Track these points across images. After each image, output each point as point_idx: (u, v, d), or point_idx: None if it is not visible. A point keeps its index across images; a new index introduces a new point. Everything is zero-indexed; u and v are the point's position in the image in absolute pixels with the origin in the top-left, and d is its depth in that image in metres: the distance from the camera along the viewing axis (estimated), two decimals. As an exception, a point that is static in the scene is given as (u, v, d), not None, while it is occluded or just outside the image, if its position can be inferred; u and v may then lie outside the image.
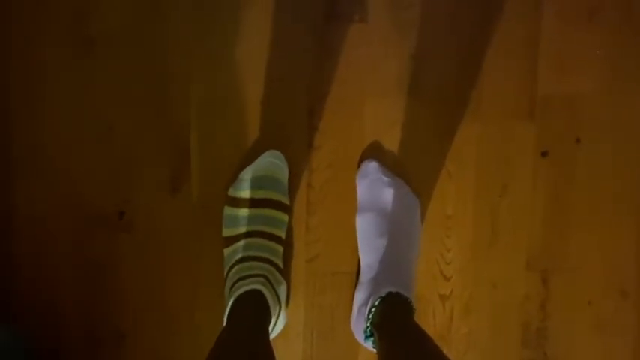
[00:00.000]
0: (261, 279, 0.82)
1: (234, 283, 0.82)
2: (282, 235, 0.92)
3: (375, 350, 0.81)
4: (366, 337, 0.83)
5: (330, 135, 0.94)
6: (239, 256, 0.87)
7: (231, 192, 0.92)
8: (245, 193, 0.90)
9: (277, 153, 0.92)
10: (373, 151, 0.95)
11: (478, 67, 0.95)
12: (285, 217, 0.92)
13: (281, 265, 0.90)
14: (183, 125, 0.94)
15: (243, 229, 0.89)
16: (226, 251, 0.90)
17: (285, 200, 0.93)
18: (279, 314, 0.86)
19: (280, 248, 0.91)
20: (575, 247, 0.98)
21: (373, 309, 0.81)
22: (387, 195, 0.92)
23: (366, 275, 0.89)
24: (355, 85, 0.94)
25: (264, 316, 0.80)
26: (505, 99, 0.96)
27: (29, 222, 0.94)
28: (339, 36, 0.93)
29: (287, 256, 0.95)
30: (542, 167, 0.97)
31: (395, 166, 0.95)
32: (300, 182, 0.95)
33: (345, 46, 0.93)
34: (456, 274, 0.97)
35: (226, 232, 0.91)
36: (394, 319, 0.79)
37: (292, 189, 0.94)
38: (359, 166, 0.95)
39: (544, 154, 0.97)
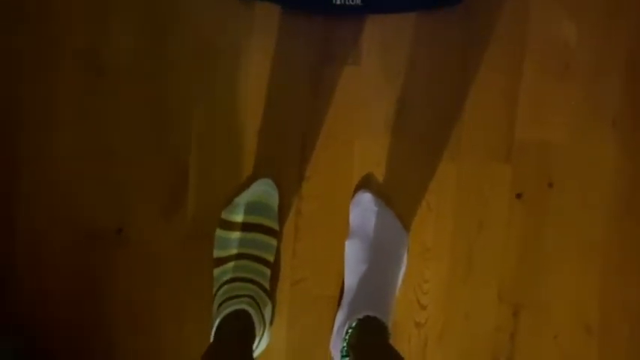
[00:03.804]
0: (248, 299, 0.86)
1: (222, 302, 0.87)
2: (271, 258, 0.96)
3: None
4: (342, 357, 0.86)
5: (320, 167, 1.00)
6: (228, 276, 0.91)
7: (224, 215, 0.97)
8: (238, 217, 0.96)
9: (270, 181, 0.98)
10: (368, 182, 1.00)
11: (460, 111, 1.00)
12: (275, 242, 0.97)
13: (267, 287, 0.94)
14: (182, 151, 0.99)
15: (234, 251, 0.94)
16: (216, 271, 0.95)
17: (275, 226, 0.98)
18: (263, 333, 0.90)
19: (268, 271, 0.95)
20: (545, 283, 1.02)
21: (350, 330, 0.84)
22: (376, 225, 0.96)
23: (346, 298, 0.94)
24: (346, 123, 1.00)
25: (249, 335, 0.83)
26: (484, 142, 1.01)
27: (31, 235, 0.99)
28: (332, 77, 0.99)
29: (273, 279, 0.99)
30: (517, 208, 1.01)
31: (383, 198, 1.00)
32: (289, 210, 1.00)
33: (338, 86, 0.99)
34: (432, 303, 1.02)
35: (217, 253, 0.96)
36: (369, 341, 0.82)
37: (282, 216, 1.00)
38: (354, 195, 1.00)
39: (518, 196, 1.02)
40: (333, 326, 0.96)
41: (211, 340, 0.81)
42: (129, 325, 1.01)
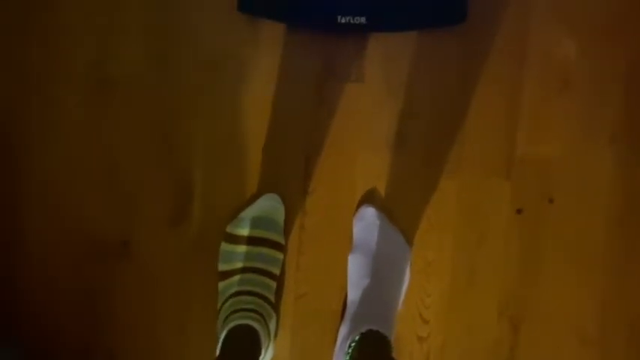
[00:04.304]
0: (254, 314, 0.86)
1: (227, 316, 0.87)
2: (277, 272, 0.97)
3: None
4: None
5: (324, 182, 1.01)
6: (234, 290, 0.92)
7: (229, 229, 0.98)
8: (244, 231, 0.96)
9: (276, 196, 0.99)
10: (372, 197, 1.01)
11: (461, 126, 1.02)
12: (281, 256, 0.98)
13: (273, 299, 0.95)
14: (187, 165, 1.00)
15: (239, 265, 0.94)
16: (221, 285, 0.95)
17: (281, 240, 0.98)
18: (268, 346, 0.91)
19: (274, 284, 0.96)
20: (545, 296, 1.03)
21: (353, 344, 0.84)
22: (379, 239, 0.97)
23: (349, 312, 0.94)
24: (349, 139, 1.01)
25: (255, 350, 0.84)
26: (484, 157, 1.02)
27: (35, 247, 1.00)
28: (336, 93, 1.01)
29: (278, 292, 1.00)
30: (517, 223, 1.02)
31: (386, 213, 1.01)
32: (293, 224, 1.01)
33: (341, 102, 1.01)
34: (434, 317, 1.02)
35: (222, 266, 0.97)
36: (372, 355, 0.82)
37: (286, 230, 1.00)
38: (357, 209, 1.01)
39: (519, 211, 1.02)
40: (335, 340, 0.97)
41: (217, 354, 0.81)
42: (132, 337, 1.01)
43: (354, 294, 0.95)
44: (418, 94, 1.02)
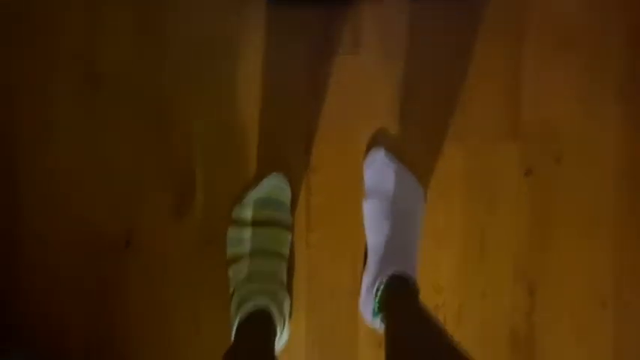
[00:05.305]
0: (267, 297, 0.85)
1: (240, 302, 0.86)
2: (286, 251, 0.96)
3: (381, 329, 0.84)
4: (374, 315, 0.87)
5: (327, 158, 1.00)
6: (244, 274, 0.91)
7: (235, 213, 0.97)
8: (249, 214, 0.95)
9: (280, 176, 0.97)
10: (381, 140, 1.00)
11: (463, 92, 1.00)
12: (289, 235, 0.97)
13: (285, 280, 0.94)
14: (186, 153, 0.99)
15: (247, 249, 0.93)
16: (231, 270, 0.94)
17: (288, 220, 0.97)
18: (283, 328, 0.90)
19: (284, 265, 0.95)
20: (558, 260, 1.02)
21: (380, 289, 0.84)
22: (392, 181, 0.95)
23: (372, 257, 0.92)
24: (349, 112, 0.99)
25: (271, 334, 0.83)
26: (490, 121, 1.01)
27: (37, 245, 0.99)
28: (332, 66, 0.99)
29: (289, 272, 0.99)
30: (526, 185, 1.01)
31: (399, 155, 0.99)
32: (299, 202, 1.00)
33: (338, 75, 0.99)
34: (448, 286, 1.02)
35: (231, 252, 0.96)
36: (401, 298, 0.81)
37: (292, 208, 0.99)
38: (366, 154, 0.99)
39: (527, 173, 1.01)
40: (350, 317, 0.96)
41: (232, 340, 0.81)
42: (143, 330, 1.01)
43: (374, 239, 0.93)
44: (417, 61, 1.00)
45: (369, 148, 0.99)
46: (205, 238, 0.99)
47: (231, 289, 0.93)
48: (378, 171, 0.96)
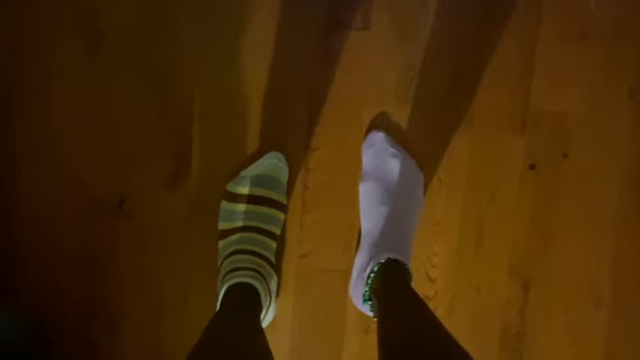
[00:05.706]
0: (254, 272, 0.84)
1: (226, 274, 0.85)
2: (277, 231, 0.95)
3: (372, 314, 0.83)
4: (364, 301, 0.85)
5: (328, 138, 0.98)
6: (233, 248, 0.90)
7: (230, 187, 0.95)
8: (244, 190, 0.93)
9: (280, 155, 0.95)
10: (381, 122, 0.98)
11: (474, 80, 0.98)
12: (282, 216, 0.95)
13: (273, 260, 0.93)
14: (185, 122, 0.97)
15: (239, 224, 0.92)
16: (221, 243, 0.93)
17: (283, 200, 0.96)
18: (269, 306, 0.89)
19: (274, 244, 0.94)
20: (556, 256, 1.01)
21: (372, 274, 0.83)
22: (391, 165, 0.93)
23: (366, 241, 0.91)
24: (354, 91, 0.97)
25: (256, 306, 0.82)
26: (498, 112, 0.98)
27: (32, 209, 0.98)
28: (340, 42, 0.96)
29: (280, 252, 0.98)
30: (530, 179, 1.00)
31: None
32: (296, 182, 0.98)
33: (346, 52, 0.96)
34: (441, 276, 1.01)
35: (222, 225, 0.94)
36: (393, 285, 0.80)
37: (289, 188, 0.98)
38: (366, 136, 0.97)
39: (532, 167, 0.99)
40: (339, 300, 0.95)
41: (216, 310, 0.80)
42: (133, 296, 1.00)
43: (368, 223, 0.92)
44: (428, 43, 0.97)
45: (369, 130, 0.97)
46: (199, 207, 0.98)
47: (219, 262, 0.92)
48: (377, 153, 0.94)
